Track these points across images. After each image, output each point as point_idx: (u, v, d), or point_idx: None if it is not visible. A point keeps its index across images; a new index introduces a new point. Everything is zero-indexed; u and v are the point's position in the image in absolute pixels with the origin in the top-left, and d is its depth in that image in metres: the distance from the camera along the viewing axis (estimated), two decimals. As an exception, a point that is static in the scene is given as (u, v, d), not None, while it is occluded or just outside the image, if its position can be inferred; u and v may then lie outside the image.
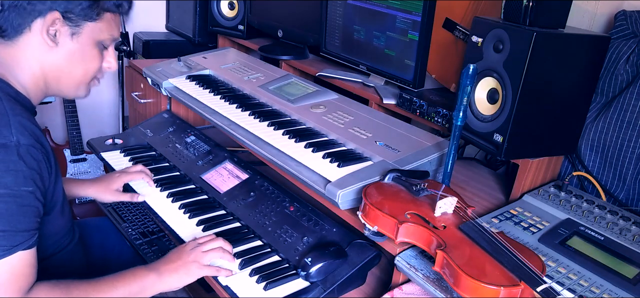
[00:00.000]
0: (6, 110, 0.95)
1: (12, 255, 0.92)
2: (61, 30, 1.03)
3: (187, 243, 1.21)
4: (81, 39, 1.05)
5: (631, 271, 1.04)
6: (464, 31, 1.56)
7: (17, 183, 0.92)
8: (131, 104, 2.37)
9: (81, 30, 1.05)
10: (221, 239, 1.24)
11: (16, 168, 0.91)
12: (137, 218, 1.53)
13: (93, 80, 1.14)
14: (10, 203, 0.91)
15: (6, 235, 0.91)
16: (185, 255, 1.17)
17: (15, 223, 0.92)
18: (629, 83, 1.34)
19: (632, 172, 1.33)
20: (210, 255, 1.18)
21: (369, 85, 1.76)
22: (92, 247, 1.41)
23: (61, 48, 1.04)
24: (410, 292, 1.11)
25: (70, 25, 1.03)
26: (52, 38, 1.02)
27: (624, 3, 1.41)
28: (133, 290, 1.08)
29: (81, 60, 1.07)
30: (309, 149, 1.35)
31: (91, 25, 1.05)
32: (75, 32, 1.04)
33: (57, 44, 1.03)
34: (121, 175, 1.49)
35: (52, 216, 1.08)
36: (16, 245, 0.92)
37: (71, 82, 1.10)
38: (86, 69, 1.09)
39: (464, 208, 1.10)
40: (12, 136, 0.92)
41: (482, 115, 1.30)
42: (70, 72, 1.08)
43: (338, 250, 1.19)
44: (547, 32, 1.17)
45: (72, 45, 1.05)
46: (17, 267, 0.93)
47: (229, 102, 1.67)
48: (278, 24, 2.16)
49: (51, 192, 1.04)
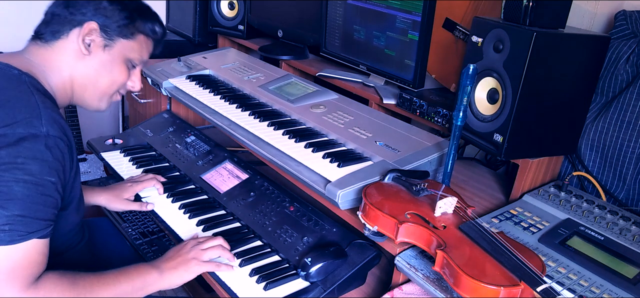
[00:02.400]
0: (37, 103, 0.99)
1: (27, 241, 0.94)
2: (96, 40, 1.11)
3: (187, 242, 1.23)
4: (113, 52, 1.14)
5: (631, 271, 1.04)
6: (464, 31, 1.56)
7: (41, 172, 0.95)
8: (131, 104, 2.37)
9: (114, 44, 1.13)
10: (220, 238, 1.25)
11: (43, 157, 0.95)
12: (137, 218, 1.53)
13: (115, 95, 1.21)
14: (32, 190, 0.94)
15: (25, 221, 0.93)
16: (184, 253, 1.19)
17: (35, 211, 0.95)
18: (629, 83, 1.34)
19: (632, 172, 1.33)
20: (209, 253, 1.20)
21: (369, 85, 1.76)
22: (93, 246, 1.41)
23: (93, 57, 1.12)
24: (410, 292, 1.11)
25: (105, 37, 1.12)
26: (86, 46, 1.10)
27: (624, 3, 1.41)
28: (136, 286, 1.10)
29: (109, 72, 1.15)
30: (309, 148, 1.35)
31: (124, 42, 1.14)
32: (108, 45, 1.13)
33: (90, 53, 1.11)
34: (133, 185, 1.49)
35: (69, 211, 1.10)
36: (32, 232, 0.94)
37: (96, 91, 1.16)
38: (112, 81, 1.16)
39: (464, 208, 1.10)
40: (42, 127, 0.96)
41: (482, 115, 1.30)
42: (96, 81, 1.15)
43: (338, 250, 1.19)
44: (547, 32, 1.17)
45: (104, 57, 1.13)
46: (31, 254, 0.95)
47: (229, 102, 1.67)
48: (278, 24, 2.16)
49: (70, 187, 1.06)
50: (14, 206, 0.92)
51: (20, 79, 1.03)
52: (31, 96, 1.00)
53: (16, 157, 0.92)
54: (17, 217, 0.92)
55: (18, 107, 0.97)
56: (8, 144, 0.92)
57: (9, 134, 0.93)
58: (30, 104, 0.98)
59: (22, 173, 0.92)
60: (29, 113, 0.97)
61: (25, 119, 0.96)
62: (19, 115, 0.96)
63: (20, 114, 0.96)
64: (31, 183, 0.93)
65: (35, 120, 0.96)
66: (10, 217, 0.91)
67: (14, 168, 0.92)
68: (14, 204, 0.92)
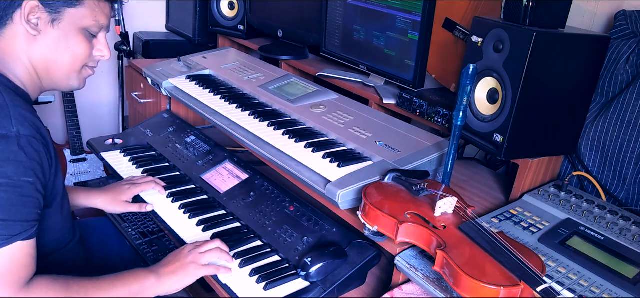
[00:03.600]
0: (6, 102, 0.96)
1: (11, 245, 0.92)
2: (41, 17, 1.03)
3: (185, 246, 1.22)
4: (63, 25, 1.05)
5: (631, 271, 1.04)
6: (464, 31, 1.56)
7: (17, 173, 0.92)
8: (131, 104, 2.37)
9: (62, 16, 1.05)
10: (218, 240, 1.24)
11: (17, 158, 0.92)
12: (137, 218, 1.52)
13: (84, 69, 1.13)
14: (10, 193, 0.92)
15: (6, 225, 0.91)
16: (182, 257, 1.18)
17: (15, 214, 0.93)
18: (629, 83, 1.34)
19: (632, 172, 1.33)
20: (208, 256, 1.19)
21: (369, 85, 1.76)
22: (92, 246, 1.41)
23: (44, 36, 1.05)
24: (410, 292, 1.11)
25: (50, 11, 1.03)
26: (34, 26, 1.03)
27: (624, 3, 1.41)
28: (132, 291, 1.08)
29: (66, 47, 1.07)
30: (309, 148, 1.35)
31: (72, 11, 1.05)
32: (56, 18, 1.04)
33: (40, 32, 1.04)
34: (131, 188, 1.47)
35: (53, 209, 1.08)
36: (15, 234, 0.92)
37: (61, 71, 1.09)
38: (74, 56, 1.08)
39: (464, 208, 1.10)
40: (12, 127, 0.93)
41: (482, 115, 1.30)
42: (56, 60, 1.07)
43: (338, 250, 1.19)
44: (547, 32, 1.17)
45: (55, 32, 1.05)
46: (17, 257, 0.93)
47: (229, 102, 1.67)
48: (278, 24, 2.16)
49: (51, 184, 1.04)
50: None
51: None
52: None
53: None
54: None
55: None
56: None
57: None
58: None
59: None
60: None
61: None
62: None
63: None
64: (8, 186, 0.91)
65: (4, 120, 0.93)
66: None
67: None
68: None
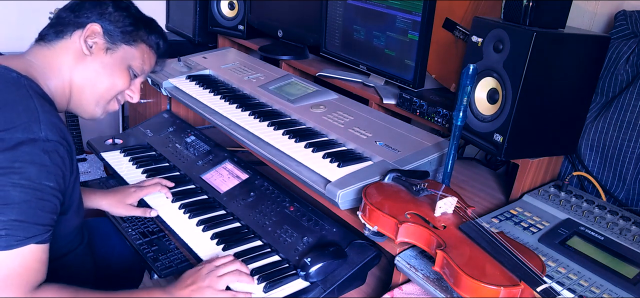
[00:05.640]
0: (36, 107, 0.98)
1: (24, 247, 0.92)
2: (99, 43, 1.11)
3: (203, 266, 1.16)
4: (115, 56, 1.14)
5: (631, 271, 1.04)
6: (464, 31, 1.56)
7: (39, 176, 0.93)
8: (131, 104, 2.37)
9: (117, 49, 1.14)
10: (238, 261, 1.18)
11: (41, 162, 0.94)
12: (137, 219, 1.52)
13: (113, 101, 1.19)
14: (30, 195, 0.92)
15: (22, 226, 0.92)
16: (199, 280, 1.12)
17: (32, 216, 0.93)
18: (629, 83, 1.34)
19: (632, 172, 1.33)
20: (226, 279, 1.13)
21: (369, 85, 1.76)
22: (92, 246, 1.41)
23: (94, 60, 1.12)
24: (410, 292, 1.11)
25: (108, 41, 1.12)
26: (88, 47, 1.10)
27: (624, 3, 1.41)
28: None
29: (110, 75, 1.14)
30: (309, 148, 1.35)
31: (127, 48, 1.15)
32: (111, 48, 1.13)
33: (91, 54, 1.11)
34: (137, 191, 1.47)
35: (69, 216, 1.09)
36: (30, 236, 0.93)
37: (94, 94, 1.14)
38: (113, 84, 1.15)
39: (464, 208, 1.10)
40: (40, 131, 0.95)
41: (482, 115, 1.30)
42: (95, 83, 1.13)
43: (338, 250, 1.19)
44: (547, 32, 1.17)
45: (105, 59, 1.13)
46: (28, 260, 0.94)
47: (229, 102, 1.67)
48: (278, 24, 2.16)
49: (70, 191, 1.05)
50: (11, 211, 0.90)
51: (18, 82, 1.01)
52: (30, 100, 0.99)
53: (14, 161, 0.91)
54: (14, 222, 0.90)
55: (17, 111, 0.96)
56: (6, 149, 0.91)
57: (7, 139, 0.92)
58: (29, 107, 0.97)
59: (20, 178, 0.91)
60: (28, 117, 0.95)
61: (24, 123, 0.94)
62: (18, 119, 0.94)
63: (19, 118, 0.95)
64: (29, 188, 0.92)
65: (33, 124, 0.95)
66: (7, 222, 0.90)
67: (11, 173, 0.90)
68: (11, 209, 0.90)
